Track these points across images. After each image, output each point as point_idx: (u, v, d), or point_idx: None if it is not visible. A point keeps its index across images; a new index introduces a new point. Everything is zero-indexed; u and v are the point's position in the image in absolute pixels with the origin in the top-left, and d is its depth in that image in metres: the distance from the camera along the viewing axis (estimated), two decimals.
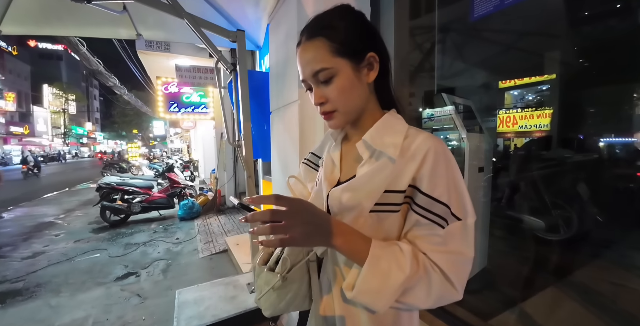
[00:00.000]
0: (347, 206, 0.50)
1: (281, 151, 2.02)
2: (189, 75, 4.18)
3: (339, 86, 0.49)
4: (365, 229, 0.48)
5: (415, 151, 0.47)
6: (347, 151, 0.59)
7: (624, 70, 4.43)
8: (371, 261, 0.42)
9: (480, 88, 5.06)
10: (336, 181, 0.56)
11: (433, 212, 0.44)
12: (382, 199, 0.47)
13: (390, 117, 0.54)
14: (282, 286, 0.53)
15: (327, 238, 0.43)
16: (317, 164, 0.68)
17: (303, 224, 0.41)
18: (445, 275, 0.42)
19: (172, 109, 5.48)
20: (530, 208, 2.65)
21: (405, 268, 0.41)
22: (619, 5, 4.30)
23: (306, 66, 0.51)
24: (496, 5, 1.20)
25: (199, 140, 9.61)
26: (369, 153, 0.51)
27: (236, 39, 1.86)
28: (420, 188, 0.45)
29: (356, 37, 0.50)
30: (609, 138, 5.01)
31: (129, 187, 4.56)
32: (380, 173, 0.48)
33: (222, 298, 1.78)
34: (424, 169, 0.45)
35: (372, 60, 0.51)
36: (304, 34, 0.51)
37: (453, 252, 0.43)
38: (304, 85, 0.54)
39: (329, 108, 0.51)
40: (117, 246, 3.45)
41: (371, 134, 0.51)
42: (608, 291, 1.83)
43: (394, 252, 0.43)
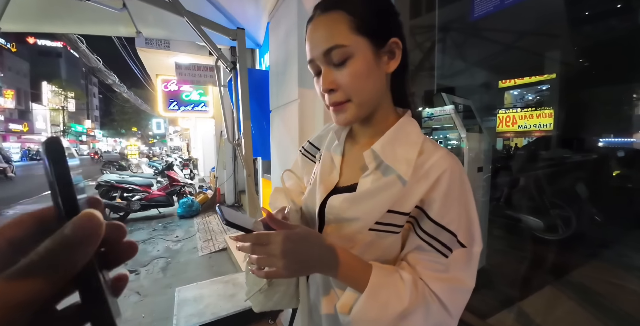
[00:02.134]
0: (345, 219, 0.46)
1: (281, 150, 2.02)
2: (189, 73, 4.16)
3: (354, 70, 0.42)
4: (361, 245, 0.45)
5: (429, 171, 0.42)
6: (350, 151, 0.53)
7: (623, 70, 4.43)
8: (370, 290, 0.40)
9: (480, 87, 5.05)
10: (333, 185, 0.51)
11: (438, 240, 0.41)
12: (384, 218, 0.43)
13: (406, 122, 0.48)
14: (270, 288, 0.53)
15: (319, 269, 0.42)
16: (313, 156, 0.62)
17: (287, 260, 0.39)
18: (444, 304, 0.40)
19: (172, 107, 5.47)
20: (529, 207, 2.66)
21: (405, 299, 0.39)
22: (619, 6, 4.29)
23: (318, 43, 0.43)
24: (496, 5, 1.20)
25: (198, 138, 9.60)
26: (376, 164, 0.45)
27: (236, 37, 1.86)
28: (429, 212, 0.42)
29: (380, 16, 0.43)
30: (608, 138, 5.02)
31: (129, 185, 4.56)
32: (387, 190, 0.43)
33: (222, 296, 1.79)
34: (436, 193, 0.41)
35: (395, 47, 0.44)
36: (319, 7, 0.44)
37: (453, 280, 0.41)
38: (310, 68, 0.46)
39: (341, 97, 0.43)
40: None
41: (382, 143, 0.45)
42: (606, 291, 1.84)
43: (395, 281, 0.41)
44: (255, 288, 0.54)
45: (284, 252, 0.38)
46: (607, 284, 1.94)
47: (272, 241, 0.39)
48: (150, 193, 4.64)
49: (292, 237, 0.40)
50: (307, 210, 0.55)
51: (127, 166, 13.56)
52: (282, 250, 0.38)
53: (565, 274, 2.03)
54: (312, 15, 0.45)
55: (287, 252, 0.38)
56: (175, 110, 5.49)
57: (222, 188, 5.33)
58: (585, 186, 2.46)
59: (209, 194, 5.28)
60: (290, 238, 0.39)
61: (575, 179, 2.52)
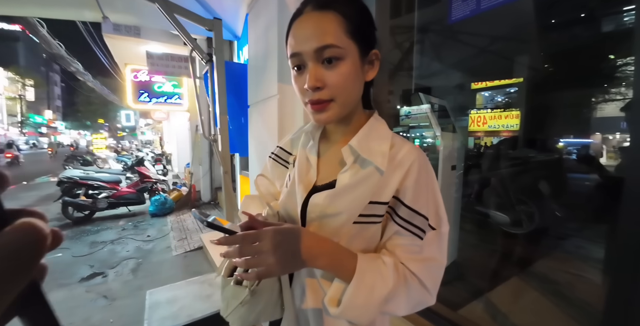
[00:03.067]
0: (329, 214, 0.47)
1: (259, 147, 1.97)
2: (162, 63, 3.93)
3: (344, 71, 0.43)
4: (345, 239, 0.47)
5: (400, 162, 0.46)
6: (325, 151, 0.55)
7: (584, 76, 4.79)
8: (357, 278, 0.42)
9: (455, 88, 5.23)
10: (312, 184, 0.52)
11: (414, 224, 0.44)
12: (366, 210, 0.46)
13: (375, 121, 0.51)
14: (252, 300, 0.50)
15: (310, 261, 0.42)
16: (286, 161, 0.61)
17: (276, 254, 0.39)
18: (422, 282, 0.44)
19: (143, 98, 5.17)
20: (497, 203, 2.82)
21: (389, 282, 0.42)
22: (583, 15, 4.61)
23: (310, 37, 0.43)
24: (472, 10, 1.23)
25: (172, 132, 9.17)
26: (353, 158, 0.47)
27: (212, 27, 1.77)
28: (404, 200, 0.45)
29: (368, 26, 0.47)
30: (569, 139, 5.43)
31: (94, 181, 4.27)
32: (367, 182, 0.45)
33: (197, 297, 1.73)
34: (408, 182, 0.45)
35: (375, 58, 0.48)
36: (310, 3, 0.45)
37: (428, 259, 0.45)
38: (291, 62, 0.46)
39: (326, 96, 0.44)
40: (81, 245, 3.22)
41: (358, 139, 0.48)
42: (565, 280, 2.00)
43: (378, 266, 0.43)
44: (234, 302, 0.51)
45: (275, 246, 0.39)
46: (566, 274, 2.10)
47: (261, 238, 0.39)
48: (118, 190, 4.38)
49: (281, 231, 0.41)
50: (286, 213, 0.54)
51: (93, 160, 12.70)
52: (273, 245, 0.39)
53: (528, 265, 2.17)
54: (300, 10, 0.46)
55: (278, 246, 0.39)
56: (146, 102, 5.20)
57: (198, 185, 5.15)
58: (547, 184, 2.65)
59: (183, 191, 5.07)
60: (280, 231, 0.40)
61: (538, 178, 2.70)
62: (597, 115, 5.58)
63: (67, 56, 9.13)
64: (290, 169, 0.58)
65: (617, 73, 4.79)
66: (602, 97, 5.27)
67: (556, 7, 3.63)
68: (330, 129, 0.55)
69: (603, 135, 6.48)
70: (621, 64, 4.72)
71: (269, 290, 0.52)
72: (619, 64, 4.73)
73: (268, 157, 0.65)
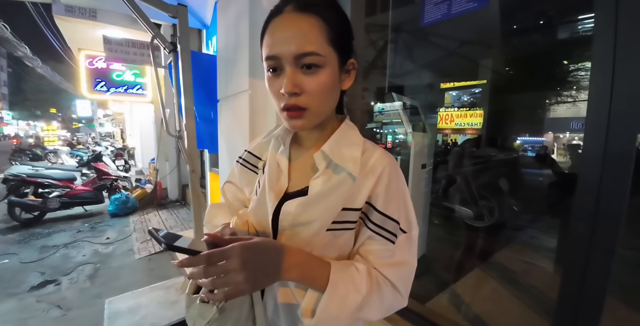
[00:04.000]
0: (302, 223, 0.45)
1: (230, 144, 1.89)
2: (121, 49, 3.59)
3: (323, 80, 0.42)
4: (319, 247, 0.46)
5: (372, 168, 0.46)
6: (297, 156, 0.53)
7: (540, 79, 5.18)
8: (331, 288, 0.41)
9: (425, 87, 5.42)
10: (283, 191, 0.50)
11: (386, 229, 0.45)
12: (340, 217, 0.45)
13: (347, 127, 0.51)
14: (221, 317, 0.47)
15: (282, 275, 0.40)
16: (255, 166, 0.59)
17: (248, 272, 0.37)
18: (395, 286, 0.45)
19: (99, 88, 4.71)
20: (461, 199, 2.99)
21: (362, 289, 0.42)
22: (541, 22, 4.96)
23: (290, 41, 0.40)
24: (444, 14, 1.26)
25: (135, 124, 8.54)
26: (326, 164, 0.47)
27: (177, 14, 1.63)
28: (376, 205, 0.45)
29: (348, 34, 0.46)
30: (525, 137, 5.89)
31: (45, 179, 3.86)
32: (339, 189, 0.45)
33: (162, 304, 1.63)
34: (380, 187, 0.45)
35: (352, 67, 0.48)
36: (290, 2, 0.42)
37: (400, 263, 0.46)
38: (267, 64, 0.44)
39: (302, 103, 0.42)
40: (30, 250, 2.92)
41: (330, 145, 0.47)
42: (520, 268, 2.18)
43: (351, 274, 0.43)
44: (201, 321, 0.47)
45: (244, 263, 0.36)
46: (521, 262, 2.30)
47: (228, 255, 0.36)
48: (72, 188, 4.00)
49: (249, 246, 0.38)
50: (256, 221, 0.52)
51: (44, 155, 11.52)
52: (241, 262, 0.36)
53: (489, 256, 2.34)
54: (280, 8, 0.43)
55: (247, 262, 0.37)
56: (103, 92, 4.75)
57: (164, 182, 4.86)
58: (506, 181, 2.85)
59: (147, 188, 4.77)
60: (248, 247, 0.38)
61: (499, 175, 2.90)
62: (549, 116, 6.11)
63: (13, 39, 8.07)
64: (260, 175, 0.55)
65: (569, 77, 5.25)
66: (555, 99, 5.76)
67: (517, 14, 3.87)
68: (303, 135, 0.54)
69: (554, 134, 7.12)
70: (573, 69, 5.17)
71: (239, 305, 0.50)
72: (571, 69, 5.18)
73: (235, 162, 0.62)
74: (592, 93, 0.81)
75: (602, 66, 0.78)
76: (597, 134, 0.79)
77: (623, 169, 0.75)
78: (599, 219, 0.79)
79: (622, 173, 0.76)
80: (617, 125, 0.75)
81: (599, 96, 0.80)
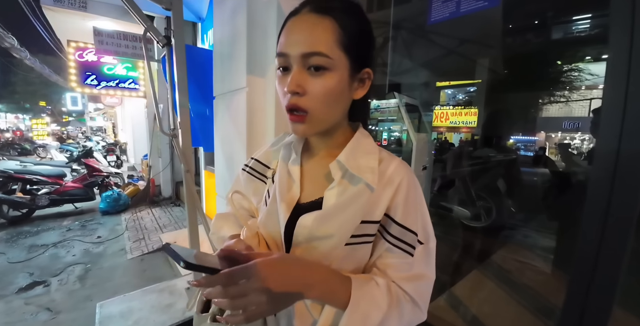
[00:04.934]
0: (318, 237, 0.44)
1: (226, 143, 1.83)
2: (112, 42, 3.48)
3: (328, 84, 0.41)
4: (337, 261, 0.45)
5: (390, 178, 0.45)
6: (308, 165, 0.51)
7: (534, 79, 5.20)
8: (352, 306, 0.39)
9: (421, 85, 5.43)
10: (295, 202, 0.48)
11: (404, 241, 0.44)
12: (358, 230, 0.44)
13: (361, 136, 0.49)
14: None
15: (304, 293, 0.38)
16: (263, 174, 0.57)
17: (271, 292, 0.34)
18: (415, 301, 0.43)
19: (90, 81, 4.57)
20: (458, 199, 2.99)
21: (383, 306, 0.41)
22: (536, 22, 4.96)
23: (300, 41, 0.40)
24: (452, 13, 1.22)
25: (127, 119, 8.35)
26: (341, 174, 0.45)
27: (171, 6, 1.56)
28: (395, 217, 0.44)
29: (364, 41, 0.44)
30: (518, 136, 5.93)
31: (33, 175, 3.74)
32: (358, 201, 0.43)
33: (156, 308, 1.59)
34: (399, 198, 0.44)
35: (367, 77, 0.46)
36: (307, 4, 0.42)
37: (419, 277, 0.45)
38: (278, 60, 0.43)
39: (303, 104, 0.41)
40: (18, 249, 2.83)
41: (346, 154, 0.46)
42: (514, 267, 2.19)
43: (372, 289, 0.42)
44: None
45: (267, 282, 0.34)
46: (516, 262, 2.31)
47: (250, 274, 0.33)
48: (62, 184, 3.89)
49: (272, 263, 0.35)
50: (266, 233, 0.50)
51: (32, 149, 11.25)
52: (263, 281, 0.33)
53: (487, 257, 2.34)
54: (298, 9, 0.43)
55: (270, 282, 0.34)
56: (93, 85, 4.61)
57: (157, 179, 4.77)
58: (504, 181, 2.86)
59: (140, 185, 4.67)
60: (270, 264, 0.35)
61: (496, 175, 2.90)
62: (542, 115, 6.17)
63: None
64: (270, 185, 0.54)
65: (562, 78, 5.29)
66: (548, 99, 5.81)
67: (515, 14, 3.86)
68: (314, 143, 0.52)
69: (547, 133, 7.20)
70: (566, 70, 5.21)
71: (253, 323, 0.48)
72: (564, 69, 5.22)
73: (241, 170, 0.60)
74: (606, 94, 0.79)
75: (617, 67, 0.76)
76: (611, 136, 0.77)
77: (636, 172, 0.73)
78: (610, 223, 0.77)
79: (635, 176, 0.74)
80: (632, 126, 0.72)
81: (613, 97, 0.77)
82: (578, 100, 5.50)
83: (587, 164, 2.05)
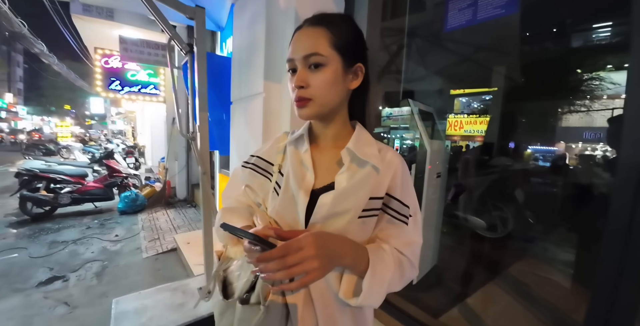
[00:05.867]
0: (337, 212, 0.51)
1: (241, 147, 1.87)
2: (136, 50, 3.66)
3: (325, 76, 0.51)
4: (351, 233, 0.52)
5: (389, 163, 0.55)
6: (318, 156, 0.59)
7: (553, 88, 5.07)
8: (372, 269, 0.48)
9: (435, 93, 5.38)
10: (311, 187, 0.54)
11: (402, 214, 0.54)
12: (368, 205, 0.52)
13: (361, 129, 0.58)
14: (266, 317, 0.50)
15: (341, 261, 0.47)
16: (266, 170, 0.62)
17: (321, 258, 0.42)
18: (411, 262, 0.55)
19: (114, 86, 4.80)
20: (473, 208, 2.91)
21: (391, 266, 0.51)
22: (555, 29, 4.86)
23: (301, 47, 0.51)
24: (468, 20, 1.22)
25: (146, 123, 8.66)
26: (350, 160, 0.54)
27: (194, 16, 1.63)
28: (395, 194, 0.54)
29: (353, 42, 0.54)
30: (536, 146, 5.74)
31: (57, 174, 3.92)
32: (368, 181, 0.52)
33: (169, 307, 1.61)
34: (397, 179, 0.55)
35: (359, 70, 0.55)
36: (307, 22, 0.54)
37: (413, 242, 0.55)
38: (288, 65, 0.54)
39: (307, 94, 0.51)
40: (39, 245, 2.95)
41: (353, 143, 0.55)
42: (533, 282, 2.10)
43: (382, 255, 0.51)
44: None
45: (318, 251, 0.42)
46: (534, 276, 2.22)
47: (304, 245, 0.41)
48: (84, 184, 4.06)
49: (318, 235, 0.44)
50: (281, 220, 0.56)
51: (57, 150, 11.78)
52: (316, 249, 0.42)
53: (503, 269, 2.26)
54: (301, 25, 0.54)
55: (320, 250, 0.42)
56: (117, 90, 4.83)
57: (173, 181, 4.90)
58: (522, 191, 2.77)
59: (157, 187, 4.81)
60: (317, 236, 0.44)
61: (513, 185, 2.82)
62: (562, 125, 5.96)
63: (29, 36, 8.30)
64: (277, 178, 0.59)
65: (582, 86, 5.13)
66: (568, 108, 5.62)
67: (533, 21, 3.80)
68: (320, 134, 0.60)
69: (567, 144, 6.94)
70: (587, 78, 5.05)
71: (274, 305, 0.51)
72: (585, 78, 5.06)
73: (242, 166, 0.66)
74: (628, 103, 0.77)
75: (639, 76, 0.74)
76: (634, 146, 0.74)
77: None
78: (633, 238, 0.74)
79: None
80: None
81: (635, 106, 0.76)
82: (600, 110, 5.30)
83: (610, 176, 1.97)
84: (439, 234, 2.06)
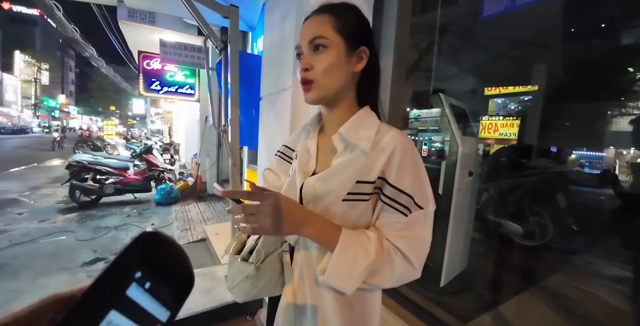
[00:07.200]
0: (320, 194, 0.53)
1: (269, 141, 1.93)
2: (175, 52, 3.92)
3: (327, 58, 0.52)
4: (337, 216, 0.52)
5: (384, 146, 0.51)
6: (323, 143, 0.60)
7: (601, 89, 4.62)
8: (340, 248, 0.47)
9: (468, 93, 5.12)
10: (311, 172, 0.57)
11: (398, 202, 0.49)
12: (354, 189, 0.51)
13: (364, 112, 0.57)
14: (256, 275, 0.58)
15: (299, 228, 0.48)
16: (290, 157, 0.68)
17: (273, 216, 0.45)
18: (407, 257, 0.48)
19: (154, 87, 5.15)
20: (508, 213, 2.72)
21: (371, 254, 0.47)
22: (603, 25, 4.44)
23: (307, 32, 0.54)
24: (507, 6, 1.16)
25: (181, 122, 9.21)
26: (344, 146, 0.54)
27: (229, 15, 1.72)
28: (389, 180, 0.50)
29: (357, 27, 0.55)
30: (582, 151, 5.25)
31: (102, 167, 4.29)
32: (353, 164, 0.51)
33: (198, 290, 1.70)
34: (392, 163, 0.50)
35: (363, 53, 0.55)
36: (314, 11, 0.56)
37: (414, 236, 0.49)
38: (296, 51, 0.56)
39: (310, 76, 0.53)
40: (85, 229, 3.24)
41: (346, 127, 0.54)
42: (575, 296, 1.92)
43: (361, 240, 0.48)
44: (239, 277, 0.59)
45: (274, 209, 0.45)
46: (576, 289, 2.02)
47: (264, 199, 0.45)
48: (125, 176, 4.39)
49: (283, 198, 0.47)
50: None
51: (103, 146, 12.86)
52: (272, 207, 0.45)
53: (539, 279, 2.09)
54: (309, 15, 0.57)
55: (276, 210, 0.45)
56: (157, 91, 5.18)
57: (204, 176, 5.14)
58: (564, 197, 2.54)
59: (189, 181, 5.08)
60: (282, 199, 0.47)
61: (555, 189, 2.59)
62: (611, 129, 5.39)
63: (82, 41, 9.17)
64: (294, 163, 0.63)
65: (635, 87, 4.61)
66: (618, 111, 5.08)
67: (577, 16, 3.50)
68: (326, 120, 0.61)
69: (617, 150, 6.26)
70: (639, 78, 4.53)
71: (271, 269, 0.60)
72: (638, 77, 4.55)
73: (274, 154, 0.72)
74: None
75: None
76: None
77: None
78: None
79: None
80: None
81: None
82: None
83: None
84: (469, 237, 1.96)
